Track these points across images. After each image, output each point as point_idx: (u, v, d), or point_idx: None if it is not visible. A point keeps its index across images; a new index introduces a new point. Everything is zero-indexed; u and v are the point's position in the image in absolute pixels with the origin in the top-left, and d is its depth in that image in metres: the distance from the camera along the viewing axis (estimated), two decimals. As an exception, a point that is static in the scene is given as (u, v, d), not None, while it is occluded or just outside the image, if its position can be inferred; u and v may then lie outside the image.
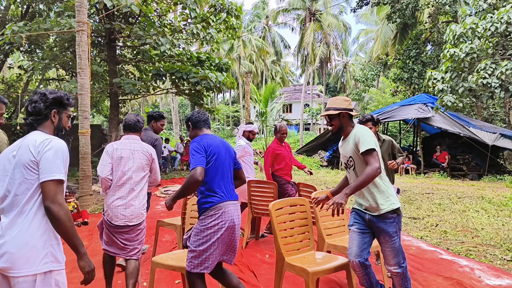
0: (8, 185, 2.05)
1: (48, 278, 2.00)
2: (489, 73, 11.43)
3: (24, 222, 1.98)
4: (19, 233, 1.97)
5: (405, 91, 24.47)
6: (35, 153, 2.01)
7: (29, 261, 1.95)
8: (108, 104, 15.78)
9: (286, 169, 6.21)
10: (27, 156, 2.01)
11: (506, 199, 9.12)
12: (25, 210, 2.00)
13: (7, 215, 2.03)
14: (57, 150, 2.04)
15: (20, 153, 2.04)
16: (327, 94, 56.41)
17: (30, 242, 1.97)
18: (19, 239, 1.96)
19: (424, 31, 23.57)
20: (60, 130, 2.28)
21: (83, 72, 8.18)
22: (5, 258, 1.95)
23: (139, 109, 47.94)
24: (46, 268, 1.99)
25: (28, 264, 1.95)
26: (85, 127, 8.32)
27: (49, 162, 2.00)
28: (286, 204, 3.71)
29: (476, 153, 15.29)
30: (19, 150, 2.06)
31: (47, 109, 2.19)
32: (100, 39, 13.53)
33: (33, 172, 2.01)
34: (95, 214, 7.95)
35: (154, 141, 5.07)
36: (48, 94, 2.21)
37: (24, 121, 2.21)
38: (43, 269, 1.98)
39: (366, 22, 42.38)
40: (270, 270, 4.50)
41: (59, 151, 2.06)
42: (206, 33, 12.57)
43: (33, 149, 2.02)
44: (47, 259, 2.00)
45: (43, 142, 2.03)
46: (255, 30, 44.64)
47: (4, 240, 1.98)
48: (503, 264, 4.83)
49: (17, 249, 1.95)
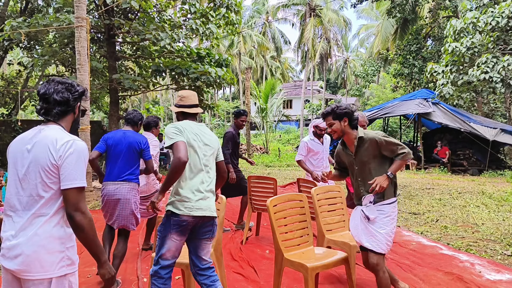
0: (23, 182, 1.96)
1: (62, 281, 1.95)
2: (490, 67, 11.40)
3: (41, 225, 1.90)
4: (35, 235, 1.89)
5: (405, 87, 24.42)
6: (56, 157, 1.92)
7: (45, 265, 1.89)
8: (108, 100, 15.74)
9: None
10: (47, 158, 1.92)
11: (507, 194, 9.11)
12: (42, 213, 1.92)
13: (21, 214, 1.94)
14: (79, 154, 1.97)
15: (37, 151, 1.94)
16: (328, 90, 56.36)
17: (46, 245, 1.90)
18: (36, 242, 1.89)
19: (424, 26, 23.50)
20: (77, 123, 2.26)
21: (82, 68, 8.16)
22: (20, 260, 1.88)
23: (139, 105, 47.95)
24: (62, 272, 1.94)
25: (44, 268, 1.89)
26: (84, 123, 8.30)
27: (72, 169, 1.93)
28: (284, 200, 3.70)
29: (476, 149, 15.27)
30: (34, 146, 1.96)
31: (75, 101, 2.11)
32: (100, 35, 13.48)
33: (53, 176, 1.93)
34: (96, 210, 7.95)
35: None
36: (76, 86, 2.11)
37: (42, 110, 2.05)
38: (59, 273, 1.93)
39: (367, 17, 42.31)
40: (270, 265, 4.50)
41: (81, 154, 1.98)
42: (205, 28, 12.52)
43: (54, 152, 1.92)
44: (63, 263, 1.95)
45: (65, 144, 1.94)
46: (255, 26, 44.53)
47: (18, 240, 1.90)
48: (503, 259, 4.82)
49: (33, 251, 1.88)
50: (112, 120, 13.03)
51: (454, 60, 12.60)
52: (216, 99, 52.83)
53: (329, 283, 4.11)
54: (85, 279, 4.30)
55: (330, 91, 59.32)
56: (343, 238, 4.00)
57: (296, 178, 5.96)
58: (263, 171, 15.22)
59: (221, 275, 3.71)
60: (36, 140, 1.97)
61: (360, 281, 4.11)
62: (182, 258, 3.36)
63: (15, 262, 1.88)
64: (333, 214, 4.26)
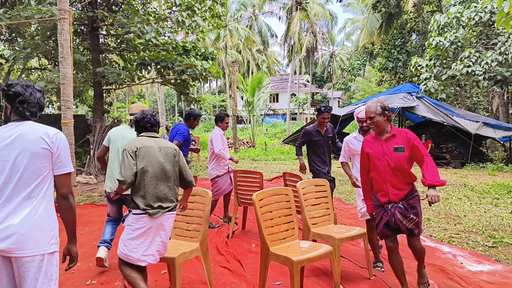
0: (10, 171, 2.11)
1: (52, 258, 2.17)
2: (473, 61, 11.57)
3: (33, 206, 2.11)
4: (28, 215, 2.08)
5: (390, 81, 24.65)
6: (50, 143, 2.18)
7: (39, 242, 2.10)
8: (92, 94, 15.53)
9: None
10: (39, 144, 2.15)
11: (488, 186, 9.29)
12: (33, 194, 2.13)
13: (10, 200, 2.09)
14: (67, 143, 2.30)
15: (23, 140, 2.13)
16: (314, 84, 56.50)
17: (39, 225, 2.11)
18: (29, 222, 2.07)
19: (409, 20, 23.69)
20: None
21: (65, 61, 8.01)
22: (13, 239, 2.03)
23: (124, 99, 47.42)
24: (52, 249, 2.17)
25: (39, 244, 2.09)
26: (68, 117, 8.16)
27: (66, 156, 2.27)
28: (270, 194, 3.72)
29: (459, 142, 15.52)
30: (18, 138, 2.13)
31: (45, 106, 2.40)
32: (83, 28, 13.26)
33: (46, 160, 2.18)
34: (80, 205, 7.87)
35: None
36: (44, 94, 2.38)
37: (25, 111, 2.24)
38: (50, 249, 2.16)
39: (353, 11, 42.44)
40: (256, 259, 4.52)
41: (67, 144, 2.30)
42: (191, 21, 12.41)
43: (47, 139, 2.18)
44: (53, 240, 2.19)
45: (56, 135, 2.23)
46: (242, 19, 44.29)
47: (9, 223, 2.05)
48: (484, 250, 4.93)
49: (28, 230, 2.06)
50: (96, 114, 12.87)
51: (438, 54, 12.75)
52: (202, 92, 52.59)
53: (314, 276, 4.15)
54: (70, 275, 4.27)
55: (317, 85, 59.49)
56: (328, 231, 4.04)
57: (282, 172, 5.98)
58: (249, 165, 15.23)
59: (207, 269, 3.72)
60: (19, 132, 2.16)
61: (344, 273, 4.17)
62: (168, 253, 3.35)
63: (7, 242, 2.02)
64: (319, 207, 4.29)
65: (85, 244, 5.48)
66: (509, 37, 10.93)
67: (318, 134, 5.74)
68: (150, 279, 4.13)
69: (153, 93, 50.50)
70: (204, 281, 3.95)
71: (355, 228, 4.22)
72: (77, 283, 4.06)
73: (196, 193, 3.82)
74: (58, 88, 8.24)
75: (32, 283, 2.07)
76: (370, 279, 4.02)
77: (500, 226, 6.00)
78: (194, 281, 3.98)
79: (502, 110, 20.51)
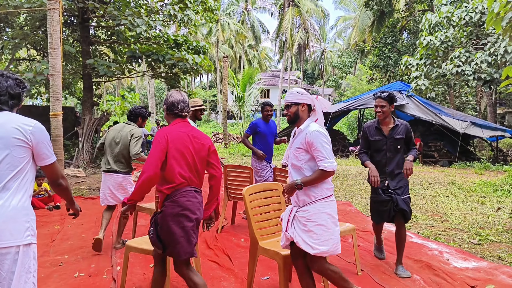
0: None
1: (28, 250, 2.10)
2: (462, 61, 11.68)
3: (7, 197, 2.05)
4: (2, 207, 2.02)
5: (381, 79, 24.79)
6: (25, 132, 2.11)
7: (14, 233, 2.03)
8: (81, 86, 15.37)
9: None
10: (13, 133, 2.08)
11: (475, 185, 9.41)
12: (9, 186, 2.07)
13: None
14: (46, 134, 2.23)
15: (4, 132, 2.08)
16: (305, 80, 56.58)
17: (14, 216, 2.05)
18: (4, 213, 2.02)
19: (400, 19, 23.83)
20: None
21: (54, 52, 7.92)
22: None
23: (114, 92, 47.00)
24: (28, 241, 2.10)
25: (14, 236, 2.03)
26: (56, 109, 8.08)
27: (46, 147, 2.21)
28: (260, 188, 3.72)
29: (447, 141, 15.70)
30: None
31: (22, 95, 2.30)
32: (73, 19, 13.09)
33: (23, 151, 2.12)
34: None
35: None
36: (23, 81, 2.30)
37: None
38: (25, 241, 2.09)
39: (345, 8, 42.43)
40: (245, 253, 4.53)
41: (46, 134, 2.24)
42: (183, 15, 12.32)
43: (21, 128, 2.11)
44: (28, 232, 2.11)
45: (33, 126, 2.16)
46: (234, 14, 44.11)
47: None
48: (470, 247, 5.00)
49: (2, 222, 2.00)
50: (85, 106, 12.74)
51: (428, 53, 12.85)
52: (193, 87, 52.33)
53: (302, 270, 4.17)
54: (57, 267, 4.24)
55: (308, 81, 59.58)
56: (317, 226, 4.05)
57: (273, 168, 5.99)
58: (239, 160, 15.22)
59: (196, 263, 3.72)
60: None
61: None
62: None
63: None
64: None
65: (72, 237, 5.44)
66: (499, 38, 11.06)
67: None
68: (138, 272, 4.13)
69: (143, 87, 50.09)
70: (192, 275, 3.94)
71: (344, 224, 4.25)
72: (65, 275, 4.04)
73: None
74: (47, 80, 8.14)
75: (7, 276, 2.01)
76: (358, 274, 4.06)
77: (486, 224, 6.09)
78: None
79: (490, 110, 20.80)
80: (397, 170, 4.10)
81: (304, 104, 3.04)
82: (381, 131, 4.14)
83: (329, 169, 2.86)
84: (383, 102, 4.05)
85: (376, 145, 4.17)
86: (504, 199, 7.93)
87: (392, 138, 4.09)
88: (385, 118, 4.09)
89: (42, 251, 4.62)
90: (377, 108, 4.11)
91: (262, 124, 6.07)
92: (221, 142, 21.41)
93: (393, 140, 4.09)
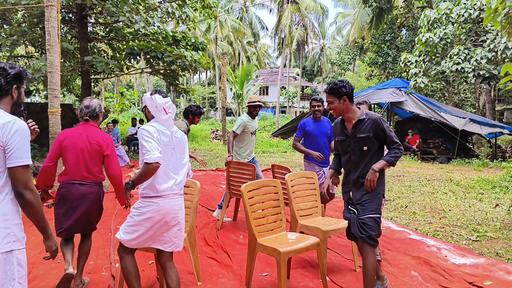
0: None
1: (10, 257, 1.96)
2: (462, 59, 11.67)
3: None
4: None
5: (379, 75, 24.79)
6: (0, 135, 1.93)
7: None
8: (79, 83, 15.34)
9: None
10: None
11: (473, 181, 9.44)
12: None
13: None
14: (23, 133, 1.98)
15: None
16: (304, 77, 56.54)
17: None
18: None
19: (399, 16, 23.79)
20: (19, 105, 2.19)
21: (52, 49, 7.88)
22: None
23: (113, 89, 46.92)
24: (7, 248, 1.95)
25: None
26: (55, 106, 8.05)
27: (18, 147, 1.95)
28: (258, 185, 3.73)
29: (446, 137, 15.73)
30: None
31: (8, 85, 2.08)
32: (71, 15, 13.05)
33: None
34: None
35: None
36: (8, 69, 2.09)
37: None
38: (5, 248, 1.94)
39: (344, 5, 42.37)
40: (244, 250, 4.54)
41: (26, 133, 2.00)
42: (181, 12, 12.28)
43: None
44: (8, 239, 1.96)
45: (6, 124, 1.94)
46: (233, 11, 44.01)
47: None
48: (468, 244, 5.02)
49: None
50: (84, 103, 12.71)
51: (427, 50, 12.83)
52: (191, 84, 52.24)
53: (301, 267, 4.18)
54: (56, 264, 4.24)
55: (306, 78, 59.53)
56: (315, 223, 4.07)
57: (271, 164, 5.99)
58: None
59: (194, 259, 3.73)
60: None
61: (331, 265, 4.21)
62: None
63: None
64: (306, 200, 4.32)
65: (71, 234, 5.44)
66: (498, 34, 11.05)
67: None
68: (137, 269, 4.13)
69: (142, 84, 50.07)
70: (191, 271, 3.95)
71: (342, 220, 4.25)
72: (63, 272, 4.03)
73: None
74: (45, 77, 8.11)
75: None
76: (356, 271, 4.07)
77: (484, 220, 6.11)
78: (181, 271, 3.98)
79: (489, 107, 20.81)
80: (362, 179, 3.16)
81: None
82: (345, 129, 3.28)
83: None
84: (330, 98, 3.20)
85: (340, 147, 3.36)
86: (502, 195, 7.96)
87: (355, 137, 3.18)
88: (343, 114, 3.24)
89: (40, 249, 4.62)
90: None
91: (310, 123, 5.29)
92: (220, 139, 21.38)
93: (356, 140, 3.18)
